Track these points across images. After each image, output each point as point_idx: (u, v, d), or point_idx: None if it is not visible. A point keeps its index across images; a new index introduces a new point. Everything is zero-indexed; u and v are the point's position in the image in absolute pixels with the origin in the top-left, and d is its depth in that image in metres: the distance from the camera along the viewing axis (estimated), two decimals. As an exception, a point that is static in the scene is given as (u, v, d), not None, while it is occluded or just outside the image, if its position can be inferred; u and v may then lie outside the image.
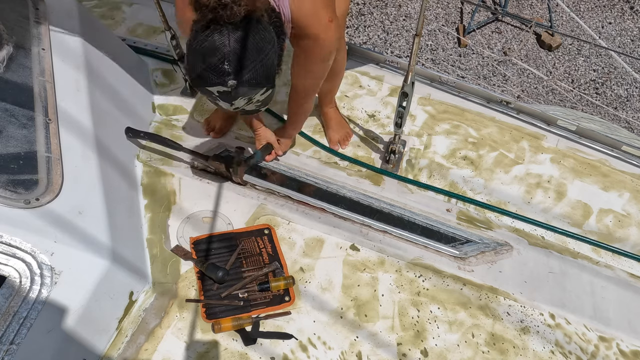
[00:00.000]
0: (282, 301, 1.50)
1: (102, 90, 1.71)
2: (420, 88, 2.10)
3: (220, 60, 1.14)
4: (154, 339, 1.41)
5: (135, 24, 2.32)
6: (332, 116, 1.93)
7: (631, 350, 1.48)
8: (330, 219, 1.70)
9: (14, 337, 1.20)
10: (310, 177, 1.82)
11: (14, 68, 1.49)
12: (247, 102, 1.25)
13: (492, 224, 1.73)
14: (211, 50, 1.14)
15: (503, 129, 1.99)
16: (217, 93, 1.20)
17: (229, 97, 1.20)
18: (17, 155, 1.40)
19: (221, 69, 1.15)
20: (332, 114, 1.93)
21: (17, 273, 1.27)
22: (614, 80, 4.11)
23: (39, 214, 1.35)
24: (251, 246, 1.62)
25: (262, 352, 1.41)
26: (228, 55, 1.14)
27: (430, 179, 1.84)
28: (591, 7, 4.59)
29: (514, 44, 4.31)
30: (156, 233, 1.64)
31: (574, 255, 1.67)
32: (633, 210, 1.79)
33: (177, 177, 1.79)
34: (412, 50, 1.42)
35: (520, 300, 1.56)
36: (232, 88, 1.17)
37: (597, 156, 1.93)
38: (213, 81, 1.17)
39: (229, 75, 1.15)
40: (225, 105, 1.25)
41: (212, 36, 1.14)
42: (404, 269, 1.60)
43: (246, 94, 1.21)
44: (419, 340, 1.46)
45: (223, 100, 1.22)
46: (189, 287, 1.53)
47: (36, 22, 1.57)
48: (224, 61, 1.14)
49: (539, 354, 1.45)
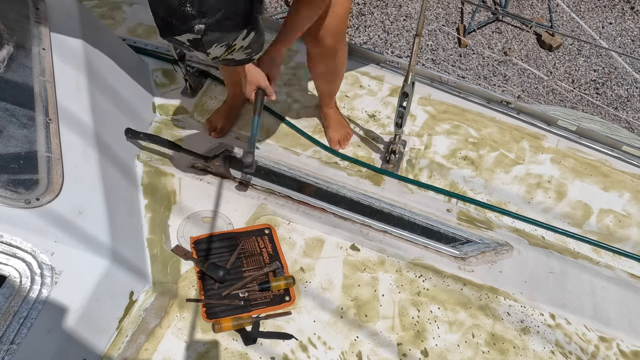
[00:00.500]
0: (282, 301, 1.50)
1: (103, 90, 1.71)
2: (421, 88, 2.10)
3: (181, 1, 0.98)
4: (154, 339, 1.41)
5: (136, 24, 2.32)
6: (332, 116, 1.93)
7: (631, 350, 1.48)
8: (331, 219, 1.70)
9: (14, 337, 1.20)
10: (311, 177, 1.82)
11: (15, 68, 1.49)
12: (228, 50, 1.08)
13: (493, 224, 1.73)
14: None
15: (503, 129, 1.99)
16: (187, 42, 1.05)
17: (201, 45, 1.04)
18: (17, 155, 1.40)
19: (184, 12, 0.99)
20: (332, 114, 1.93)
21: (18, 273, 1.27)
22: (614, 80, 4.11)
23: (39, 214, 1.35)
24: (251, 246, 1.62)
25: (262, 352, 1.41)
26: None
27: (430, 179, 1.84)
28: (591, 7, 4.59)
29: (515, 44, 4.31)
30: (156, 233, 1.64)
31: (574, 256, 1.67)
32: (633, 210, 1.79)
33: (177, 177, 1.79)
34: (413, 50, 1.42)
35: (520, 300, 1.56)
36: (200, 34, 1.01)
37: (598, 156, 1.92)
38: (178, 28, 1.01)
39: (194, 18, 0.99)
40: (201, 55, 1.09)
41: None
42: (404, 269, 1.60)
43: (221, 40, 1.05)
44: (419, 340, 1.46)
45: (197, 49, 1.06)
46: (189, 286, 1.53)
47: (36, 22, 1.57)
48: (186, 2, 0.98)
49: (539, 354, 1.45)
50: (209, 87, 2.10)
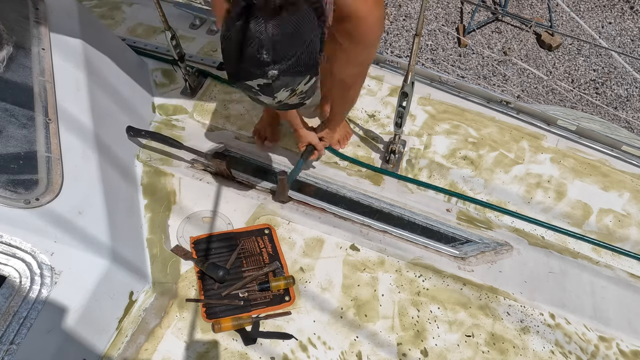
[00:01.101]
0: (282, 301, 1.50)
1: (102, 90, 1.71)
2: (420, 88, 2.10)
3: (258, 49, 1.03)
4: (154, 339, 1.41)
5: (135, 24, 2.32)
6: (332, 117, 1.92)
7: (631, 350, 1.48)
8: (330, 219, 1.70)
9: (14, 337, 1.20)
10: (310, 177, 1.82)
11: (14, 68, 1.49)
12: (291, 94, 1.15)
13: (492, 224, 1.73)
14: (246, 39, 1.03)
15: (503, 128, 1.99)
16: (257, 87, 1.10)
17: (270, 89, 1.10)
18: (17, 155, 1.40)
19: (259, 58, 1.04)
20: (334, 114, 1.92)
21: (17, 273, 1.27)
22: (614, 80, 4.11)
23: (39, 214, 1.35)
24: (251, 246, 1.62)
25: (262, 352, 1.41)
26: (266, 43, 1.03)
27: (430, 178, 1.84)
28: (591, 7, 4.59)
29: (514, 44, 4.31)
30: (156, 233, 1.64)
31: (574, 255, 1.67)
32: (633, 210, 1.79)
33: (177, 177, 1.79)
34: (412, 50, 1.42)
35: (520, 300, 1.56)
36: (273, 79, 1.07)
37: (597, 156, 1.93)
38: (252, 73, 1.07)
39: (269, 65, 1.05)
40: (267, 99, 1.14)
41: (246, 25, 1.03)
42: (404, 269, 1.60)
43: (289, 85, 1.11)
44: (419, 340, 1.46)
45: (265, 94, 1.12)
46: (189, 286, 1.53)
47: (36, 22, 1.57)
48: (263, 50, 1.03)
49: (539, 354, 1.45)
50: (208, 87, 2.10)
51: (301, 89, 1.15)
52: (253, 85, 1.11)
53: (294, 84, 1.12)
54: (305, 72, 1.11)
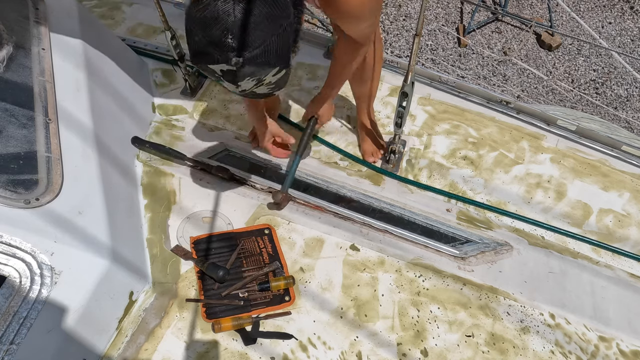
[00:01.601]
0: (282, 301, 1.50)
1: (102, 90, 1.71)
2: (420, 88, 2.10)
3: (224, 32, 0.97)
4: (154, 339, 1.41)
5: (135, 24, 2.32)
6: (369, 129, 1.88)
7: (631, 350, 1.48)
8: (330, 219, 1.70)
9: (14, 337, 1.20)
10: (310, 177, 1.82)
11: (14, 68, 1.49)
12: (257, 84, 1.07)
13: (492, 224, 1.73)
14: (213, 20, 0.97)
15: (503, 129, 1.99)
16: (220, 72, 1.04)
17: (233, 76, 1.03)
18: (17, 155, 1.40)
19: (224, 43, 0.98)
20: (369, 126, 1.88)
21: (17, 273, 1.28)
22: (614, 80, 4.11)
23: (39, 214, 1.35)
24: (251, 246, 1.62)
25: (262, 352, 1.41)
26: (232, 26, 0.96)
27: (430, 178, 1.84)
28: (591, 7, 4.59)
29: (514, 44, 4.31)
30: (156, 233, 1.64)
31: (574, 255, 1.67)
32: (633, 210, 1.79)
33: (177, 177, 1.79)
34: (412, 50, 1.42)
35: (520, 300, 1.56)
36: (237, 66, 1.00)
37: (597, 156, 1.93)
38: (215, 58, 1.01)
39: (233, 51, 0.98)
40: (230, 87, 1.08)
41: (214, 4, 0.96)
42: (404, 269, 1.60)
43: (254, 74, 1.04)
44: (419, 340, 1.46)
45: (227, 80, 1.06)
46: (189, 286, 1.53)
47: (36, 22, 1.57)
48: (228, 34, 0.97)
49: (539, 354, 1.45)
50: (208, 87, 2.10)
51: (269, 80, 1.08)
52: (215, 70, 1.04)
53: (260, 74, 1.05)
54: (274, 63, 1.04)
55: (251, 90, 1.10)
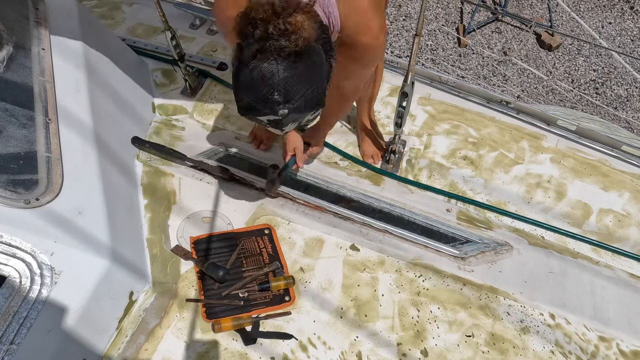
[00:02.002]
0: (282, 301, 1.50)
1: (102, 90, 1.71)
2: (420, 88, 2.10)
3: (270, 91, 1.08)
4: (154, 339, 1.41)
5: (135, 24, 2.32)
6: (369, 130, 1.89)
7: (631, 350, 1.48)
8: (330, 219, 1.70)
9: (14, 337, 1.20)
10: (310, 177, 1.82)
11: (14, 68, 1.49)
12: (298, 127, 1.24)
13: (492, 224, 1.73)
14: (259, 81, 1.08)
15: (503, 129, 1.99)
16: (267, 121, 1.16)
17: (279, 124, 1.16)
18: (17, 155, 1.40)
19: (271, 99, 1.09)
20: (370, 127, 1.90)
21: (17, 273, 1.27)
22: (614, 80, 4.11)
23: (39, 214, 1.35)
24: (251, 246, 1.62)
25: (262, 352, 1.41)
26: (278, 85, 1.07)
27: (430, 179, 1.84)
28: (591, 7, 4.59)
29: (514, 44, 4.31)
30: (156, 233, 1.64)
31: (574, 255, 1.67)
32: (633, 210, 1.79)
33: (177, 177, 1.79)
34: (412, 50, 1.42)
35: (520, 300, 1.56)
36: (283, 117, 1.12)
37: (597, 156, 1.93)
38: (263, 112, 1.12)
39: (279, 104, 1.10)
40: (276, 131, 1.21)
41: (259, 67, 1.06)
42: (404, 269, 1.60)
43: (297, 119, 1.17)
44: (419, 340, 1.46)
45: (273, 127, 1.18)
46: (189, 286, 1.53)
47: (36, 22, 1.57)
48: (274, 92, 1.08)
49: (539, 354, 1.45)
50: (208, 87, 2.10)
51: (308, 118, 1.20)
52: (263, 120, 1.15)
53: (301, 118, 1.17)
54: (312, 109, 1.16)
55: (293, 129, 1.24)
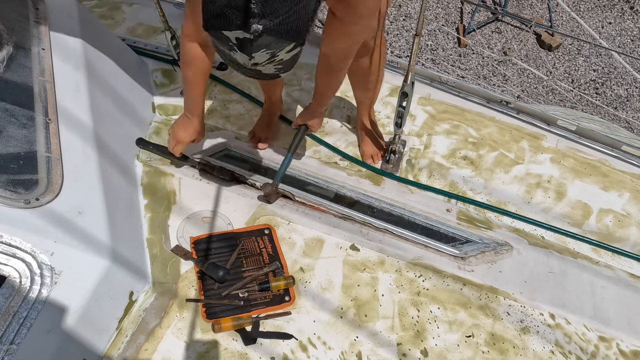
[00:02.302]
0: (282, 301, 1.50)
1: (102, 90, 1.71)
2: (420, 88, 2.10)
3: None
4: (154, 339, 1.41)
5: (135, 24, 2.32)
6: (369, 130, 1.89)
7: (631, 350, 1.48)
8: (330, 219, 1.70)
9: (14, 337, 1.20)
10: (310, 176, 1.82)
11: (14, 68, 1.49)
12: (269, 59, 1.04)
13: (492, 224, 1.73)
14: None
15: (503, 129, 1.99)
16: (235, 40, 0.98)
17: (249, 47, 0.98)
18: (17, 155, 1.40)
19: (246, 7, 0.93)
20: (370, 127, 1.89)
21: (17, 273, 1.27)
22: (614, 80, 4.11)
23: (39, 214, 1.35)
24: (251, 246, 1.62)
25: (262, 352, 1.41)
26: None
27: (430, 179, 1.84)
28: (591, 7, 4.59)
29: (514, 44, 4.31)
30: (156, 233, 1.64)
31: (574, 255, 1.67)
32: (633, 210, 1.79)
33: (177, 177, 1.79)
34: (412, 50, 1.42)
35: (520, 300, 1.56)
36: (255, 35, 0.95)
37: (597, 156, 1.93)
38: (233, 22, 0.95)
39: (255, 17, 0.93)
40: (243, 58, 1.03)
41: None
42: (404, 269, 1.60)
43: (270, 47, 1.00)
44: (419, 340, 1.46)
45: (242, 50, 1.00)
46: (189, 286, 1.53)
47: (36, 22, 1.57)
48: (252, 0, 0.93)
49: (539, 354, 1.45)
50: (208, 87, 2.09)
51: (282, 56, 1.04)
52: (231, 38, 0.99)
53: (276, 47, 1.01)
54: (291, 37, 1.01)
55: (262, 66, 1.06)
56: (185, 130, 1.64)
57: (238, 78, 2.13)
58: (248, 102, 2.05)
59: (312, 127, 1.71)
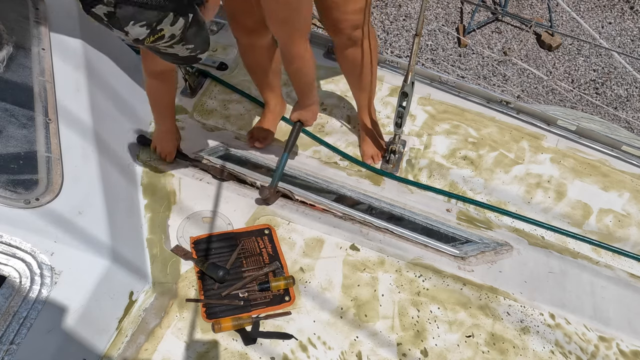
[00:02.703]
0: (282, 301, 1.50)
1: (102, 90, 1.71)
2: (420, 88, 2.10)
3: None
4: (154, 339, 1.41)
5: (135, 24, 2.31)
6: (369, 129, 1.88)
7: (631, 350, 1.48)
8: (330, 219, 1.70)
9: (14, 337, 1.20)
10: (310, 176, 1.82)
11: (14, 68, 1.49)
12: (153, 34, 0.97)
13: (492, 224, 1.73)
14: None
15: (503, 129, 1.99)
16: (105, 17, 0.95)
17: (116, 20, 0.94)
18: (17, 155, 1.40)
19: None
20: (370, 126, 1.88)
21: (17, 273, 1.27)
22: (614, 80, 4.11)
23: (39, 214, 1.35)
24: (251, 246, 1.62)
25: (262, 352, 1.41)
26: None
27: (430, 179, 1.84)
28: (591, 7, 4.59)
29: (514, 44, 4.31)
30: (156, 233, 1.64)
31: (574, 255, 1.67)
32: (633, 210, 1.79)
33: (177, 177, 1.79)
34: (412, 50, 1.42)
35: (520, 300, 1.56)
36: (111, 5, 0.92)
37: (597, 156, 1.93)
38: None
39: None
40: (120, 34, 0.97)
41: None
42: (404, 269, 1.60)
43: (138, 18, 0.94)
44: (419, 340, 1.46)
45: (114, 26, 0.96)
46: (189, 286, 1.53)
47: (36, 22, 1.57)
48: None
49: (539, 354, 1.45)
50: (208, 87, 2.10)
51: (170, 31, 0.98)
52: (100, 15, 0.95)
53: (146, 18, 0.94)
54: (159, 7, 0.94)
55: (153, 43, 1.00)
56: (167, 141, 1.78)
57: (238, 78, 2.13)
58: (248, 102, 2.05)
59: (307, 122, 1.70)
